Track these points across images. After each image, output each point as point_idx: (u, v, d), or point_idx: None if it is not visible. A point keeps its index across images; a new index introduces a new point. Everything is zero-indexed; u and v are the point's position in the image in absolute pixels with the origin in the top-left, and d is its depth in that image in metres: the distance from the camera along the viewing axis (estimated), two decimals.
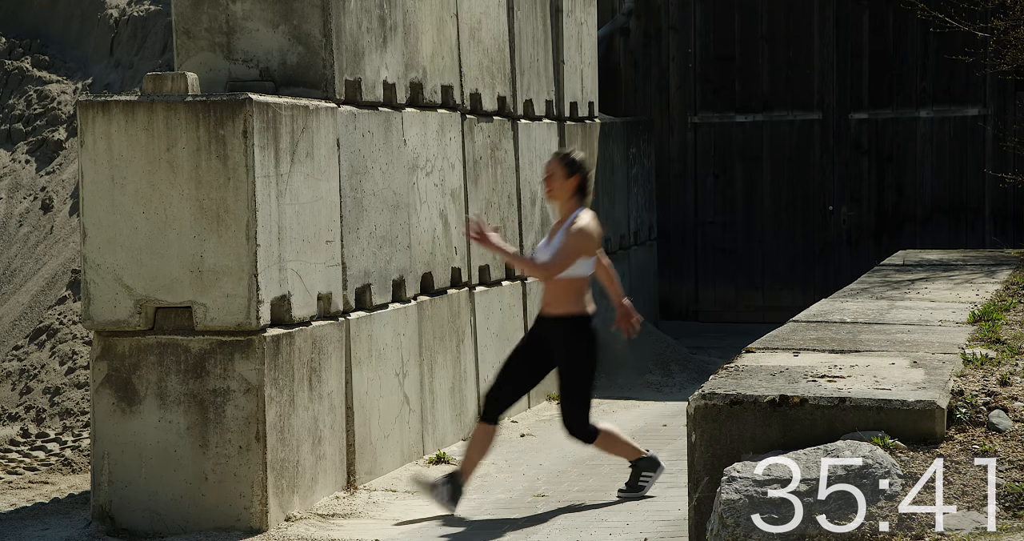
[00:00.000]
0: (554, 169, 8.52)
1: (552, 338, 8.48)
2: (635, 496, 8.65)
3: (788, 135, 16.62)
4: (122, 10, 16.65)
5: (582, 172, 8.52)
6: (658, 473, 8.73)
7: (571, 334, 8.42)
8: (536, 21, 12.48)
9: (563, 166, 8.50)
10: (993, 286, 9.86)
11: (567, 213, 8.50)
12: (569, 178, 8.49)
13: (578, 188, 8.50)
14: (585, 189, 8.53)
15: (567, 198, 8.51)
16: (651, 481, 8.70)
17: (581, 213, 8.47)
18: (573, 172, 8.50)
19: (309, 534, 7.96)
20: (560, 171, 8.50)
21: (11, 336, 13.87)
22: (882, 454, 5.55)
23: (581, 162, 8.55)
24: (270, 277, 8.12)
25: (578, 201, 8.51)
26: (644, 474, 8.70)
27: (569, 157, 8.55)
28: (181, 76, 8.16)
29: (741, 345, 7.75)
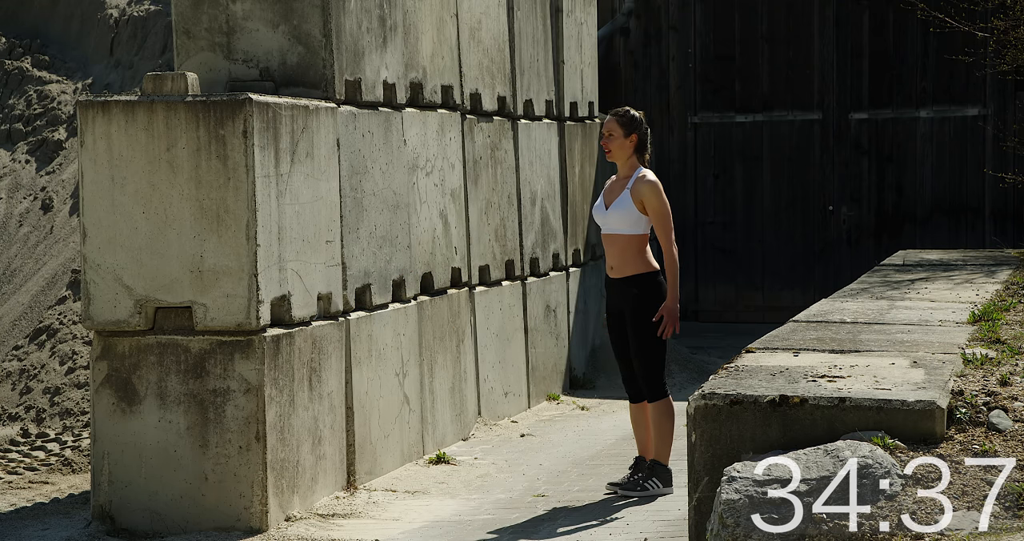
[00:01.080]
0: (612, 128, 8.62)
1: (622, 299, 8.58)
2: (628, 493, 8.54)
3: (788, 135, 16.62)
4: (122, 10, 16.65)
5: (640, 129, 8.61)
6: (665, 490, 8.56)
7: (641, 292, 8.52)
8: (536, 21, 12.48)
9: (621, 125, 8.60)
10: (993, 286, 9.86)
11: (628, 171, 8.61)
12: (628, 136, 8.59)
13: (638, 145, 8.60)
14: (645, 146, 8.64)
15: (627, 156, 8.61)
16: (654, 490, 8.55)
17: (646, 171, 8.59)
18: (632, 130, 8.60)
19: (309, 534, 7.96)
20: (619, 130, 8.60)
21: (11, 336, 13.87)
22: (882, 454, 5.55)
23: (640, 120, 8.65)
24: (270, 277, 8.12)
25: (638, 159, 8.62)
26: (654, 480, 8.58)
27: (628, 115, 8.64)
28: (181, 76, 8.16)
29: (741, 345, 7.75)
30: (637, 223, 8.54)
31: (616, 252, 8.59)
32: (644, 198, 8.51)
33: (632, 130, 8.60)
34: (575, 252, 13.38)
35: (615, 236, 8.59)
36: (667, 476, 8.59)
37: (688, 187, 16.86)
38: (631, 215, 8.53)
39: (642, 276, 8.56)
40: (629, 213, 8.53)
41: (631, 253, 8.56)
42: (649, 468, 8.60)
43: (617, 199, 8.58)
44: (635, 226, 8.54)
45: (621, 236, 8.55)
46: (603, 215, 8.64)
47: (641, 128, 8.63)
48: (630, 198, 8.53)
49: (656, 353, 8.53)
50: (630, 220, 8.54)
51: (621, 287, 8.59)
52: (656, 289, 8.56)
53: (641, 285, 8.55)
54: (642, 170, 8.60)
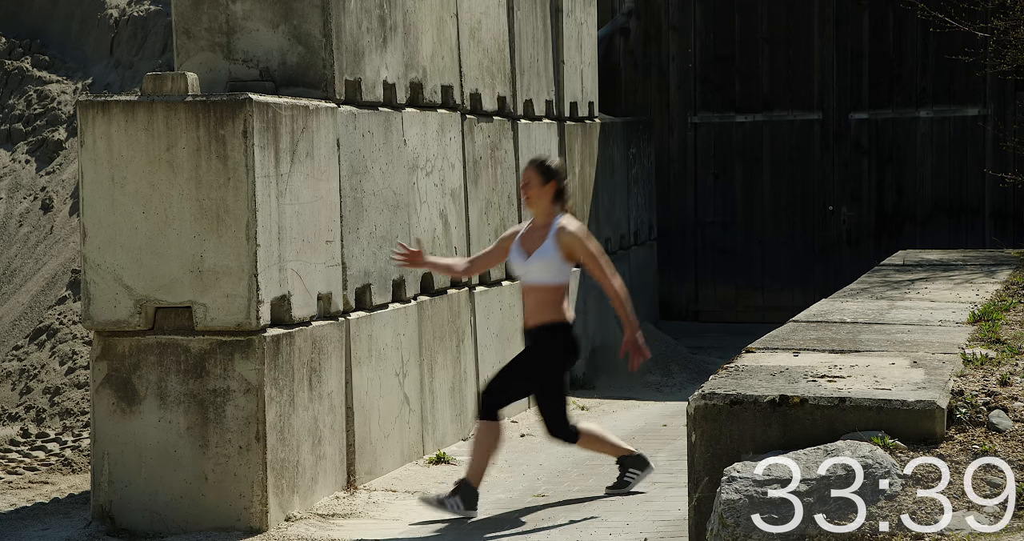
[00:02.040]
0: (530, 176, 8.43)
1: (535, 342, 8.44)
2: (622, 492, 8.69)
3: (788, 135, 16.62)
4: (122, 10, 16.65)
5: (559, 178, 8.43)
6: (646, 472, 8.74)
7: (548, 338, 8.37)
8: (536, 21, 12.48)
9: (539, 173, 8.42)
10: (993, 286, 9.86)
11: (547, 218, 8.42)
12: (546, 184, 8.40)
13: (556, 194, 8.42)
14: (564, 195, 8.45)
15: (546, 204, 8.42)
16: (637, 478, 8.74)
17: (566, 217, 8.42)
18: (549, 178, 8.41)
19: (309, 534, 7.96)
20: (536, 178, 8.41)
21: (11, 336, 13.87)
22: (882, 454, 5.55)
23: (557, 168, 8.47)
24: (270, 277, 8.12)
25: (558, 206, 8.44)
26: (630, 471, 8.75)
27: (544, 164, 8.46)
28: (181, 76, 8.16)
29: (741, 345, 7.75)
30: (560, 272, 8.36)
31: (533, 303, 8.39)
32: (573, 247, 8.32)
33: (550, 178, 8.40)
34: None
35: (535, 287, 8.38)
36: (636, 460, 8.73)
37: (688, 187, 16.86)
38: (554, 264, 8.33)
39: (556, 324, 8.36)
40: (552, 262, 8.33)
41: (549, 304, 8.36)
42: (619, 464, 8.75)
43: (539, 248, 8.35)
44: (558, 276, 8.35)
45: (542, 287, 8.36)
46: (524, 265, 8.39)
47: (559, 176, 8.43)
48: (553, 247, 8.33)
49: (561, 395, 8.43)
50: (553, 270, 8.34)
51: (536, 335, 8.42)
52: (565, 337, 8.38)
53: (552, 331, 8.36)
54: (562, 218, 8.40)
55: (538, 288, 8.38)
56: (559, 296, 8.38)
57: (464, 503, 8.34)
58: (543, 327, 8.38)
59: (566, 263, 8.37)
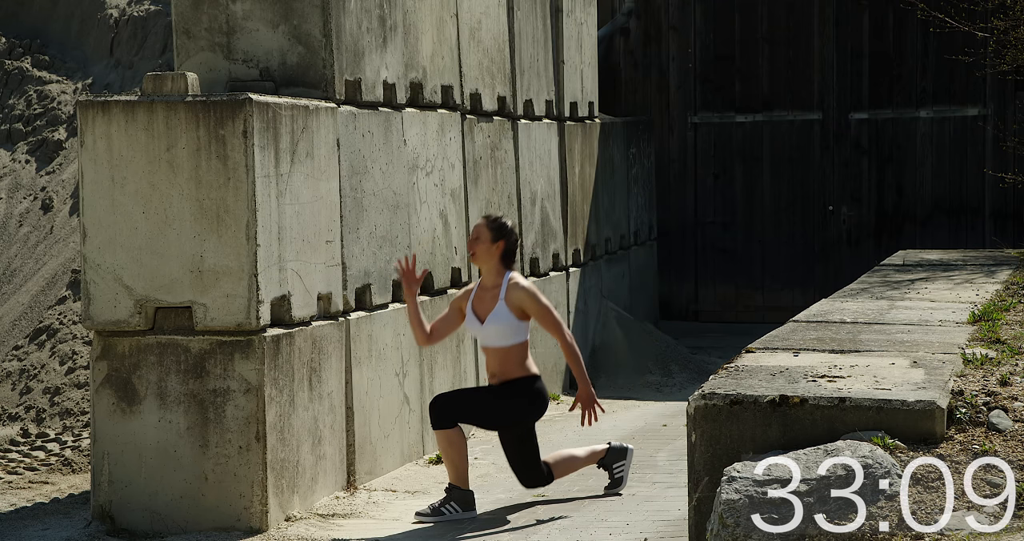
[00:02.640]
0: (480, 232, 8.32)
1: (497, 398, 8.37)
2: (618, 490, 8.72)
3: (788, 135, 16.62)
4: (122, 10, 16.65)
5: (509, 238, 8.32)
6: (628, 457, 8.72)
7: (516, 393, 8.33)
8: (536, 21, 12.48)
9: (490, 230, 8.31)
10: (993, 286, 9.86)
11: (496, 278, 8.33)
12: (495, 242, 8.30)
13: (504, 253, 8.31)
14: (512, 254, 8.35)
15: (494, 263, 8.32)
16: (625, 468, 8.73)
17: (514, 277, 8.31)
18: (500, 236, 8.30)
19: (309, 534, 7.96)
20: (487, 234, 8.30)
21: (11, 336, 13.87)
22: (882, 454, 5.55)
23: (511, 228, 8.35)
24: (270, 277, 8.12)
25: (505, 265, 8.34)
26: (615, 467, 8.74)
27: (498, 221, 8.34)
28: (181, 76, 8.16)
29: (741, 345, 7.74)
30: (517, 332, 8.28)
31: (496, 363, 8.34)
32: (524, 305, 8.24)
33: (500, 236, 8.30)
34: (575, 252, 13.38)
35: (496, 349, 8.33)
36: (614, 453, 8.73)
37: (688, 187, 16.86)
38: (510, 326, 8.26)
39: (521, 380, 8.32)
40: (508, 324, 8.26)
41: (512, 364, 8.32)
42: (603, 466, 8.76)
43: (492, 312, 8.27)
44: (515, 336, 8.28)
45: (502, 349, 8.31)
46: (479, 329, 8.33)
47: (511, 237, 8.33)
48: (506, 308, 8.26)
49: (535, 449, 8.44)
50: (509, 331, 8.27)
51: (500, 391, 8.38)
52: (533, 390, 8.34)
53: (518, 387, 8.32)
54: (511, 275, 8.30)
55: (498, 350, 8.32)
56: (521, 353, 8.32)
57: (461, 506, 8.34)
58: (508, 384, 8.34)
59: (521, 321, 8.28)
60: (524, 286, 8.28)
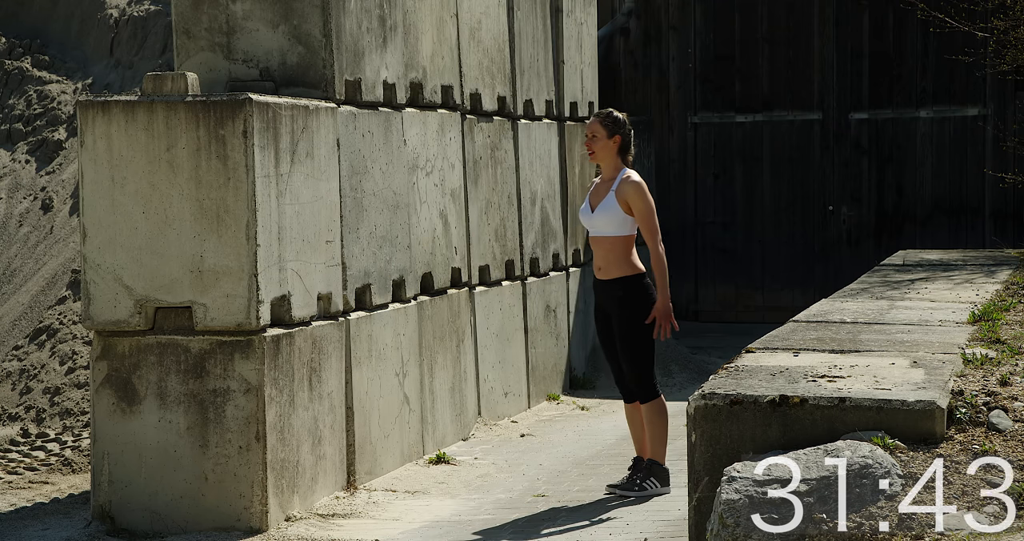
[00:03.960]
0: (596, 129, 8.63)
1: (609, 301, 8.61)
2: (626, 493, 8.57)
3: (788, 135, 16.62)
4: (122, 10, 16.65)
5: (624, 130, 8.63)
6: (663, 490, 8.59)
7: (627, 294, 8.54)
8: (536, 21, 12.48)
9: (604, 126, 8.62)
10: (993, 286, 9.86)
11: (613, 172, 8.62)
12: (612, 137, 8.61)
13: (621, 147, 8.62)
14: (629, 147, 8.65)
15: (611, 157, 8.62)
16: (651, 490, 8.57)
17: (630, 171, 8.60)
18: (616, 131, 8.62)
19: (309, 534, 7.96)
20: (602, 131, 8.62)
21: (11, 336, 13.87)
22: (882, 454, 5.55)
23: (624, 121, 8.66)
24: (270, 277, 8.12)
25: (622, 160, 8.64)
26: (652, 480, 8.60)
27: (611, 116, 8.65)
28: (181, 76, 8.16)
29: (741, 345, 7.74)
30: (623, 225, 8.56)
31: (602, 254, 8.62)
32: (629, 198, 8.52)
33: (616, 131, 8.61)
34: (575, 252, 13.38)
35: (602, 238, 8.60)
36: (664, 475, 8.61)
37: (688, 187, 16.86)
38: (617, 217, 8.54)
39: (628, 278, 8.58)
40: (615, 215, 8.54)
41: (617, 255, 8.58)
42: (647, 468, 8.61)
43: (603, 201, 8.59)
44: (621, 228, 8.56)
45: (607, 238, 8.57)
46: (589, 218, 8.66)
47: (624, 129, 8.64)
48: (615, 200, 8.55)
49: (645, 355, 8.56)
50: (616, 222, 8.55)
51: (607, 289, 8.62)
52: (642, 292, 8.57)
53: (627, 288, 8.56)
54: (627, 171, 8.61)
55: (604, 240, 8.59)
56: (627, 247, 8.59)
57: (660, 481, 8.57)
58: (615, 282, 8.57)
59: (628, 216, 8.55)
60: (635, 181, 8.56)
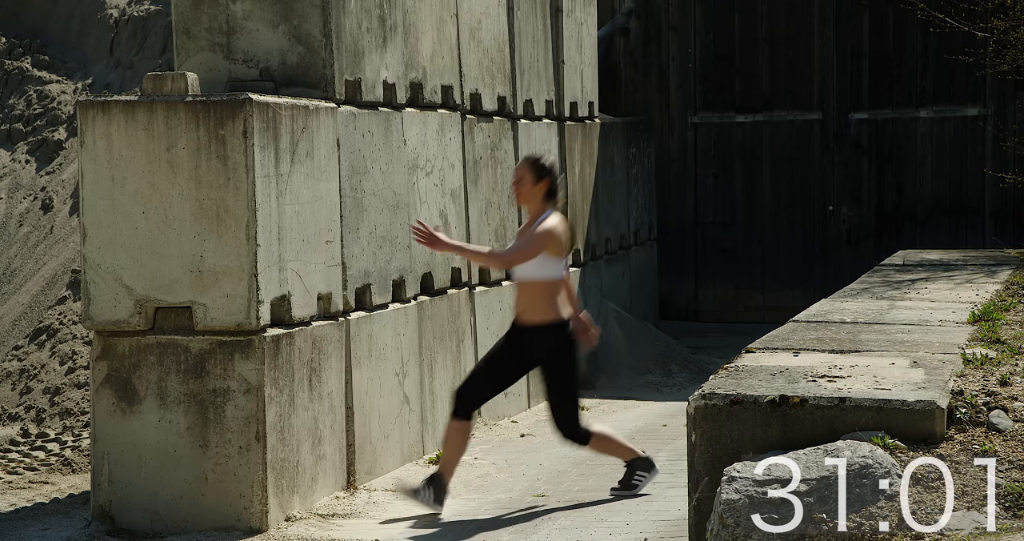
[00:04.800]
0: (523, 173, 8.50)
1: (531, 347, 8.47)
2: (628, 494, 8.69)
3: (788, 135, 16.62)
4: (122, 10, 16.65)
5: (551, 176, 8.50)
6: (652, 474, 8.77)
7: (551, 341, 8.42)
8: (536, 21, 12.48)
9: (532, 171, 8.48)
10: (993, 286, 9.86)
11: (536, 215, 8.48)
12: (538, 183, 8.46)
13: (547, 192, 8.48)
14: (554, 193, 8.51)
15: (537, 202, 8.49)
16: (644, 481, 8.74)
17: (550, 215, 8.45)
18: (542, 176, 8.47)
19: (309, 534, 7.96)
20: (529, 175, 8.48)
21: (11, 336, 13.87)
22: (882, 454, 5.55)
23: (551, 166, 8.52)
24: (270, 277, 8.12)
25: (548, 205, 8.49)
26: (639, 474, 8.75)
27: (539, 162, 8.53)
28: (181, 76, 8.16)
29: (741, 345, 7.75)
30: (543, 268, 8.38)
31: (526, 298, 8.46)
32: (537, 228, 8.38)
33: (542, 176, 8.47)
34: (575, 252, 13.38)
35: (525, 282, 8.45)
36: (645, 463, 8.77)
37: (688, 187, 16.86)
38: (537, 260, 8.38)
39: (552, 325, 8.43)
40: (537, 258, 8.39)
41: (541, 300, 8.41)
42: (628, 466, 8.77)
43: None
44: (543, 271, 8.39)
45: (531, 282, 8.42)
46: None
47: (551, 175, 8.50)
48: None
49: (573, 398, 8.47)
50: (537, 264, 8.38)
51: (530, 335, 8.46)
52: (567, 338, 8.44)
53: (554, 334, 8.42)
54: (548, 214, 8.45)
55: (527, 284, 8.46)
56: (551, 292, 8.42)
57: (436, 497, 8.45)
58: (538, 329, 8.43)
59: (549, 259, 8.38)
60: (548, 225, 8.42)
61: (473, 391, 8.56)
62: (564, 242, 8.45)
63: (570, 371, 8.47)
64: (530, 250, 8.37)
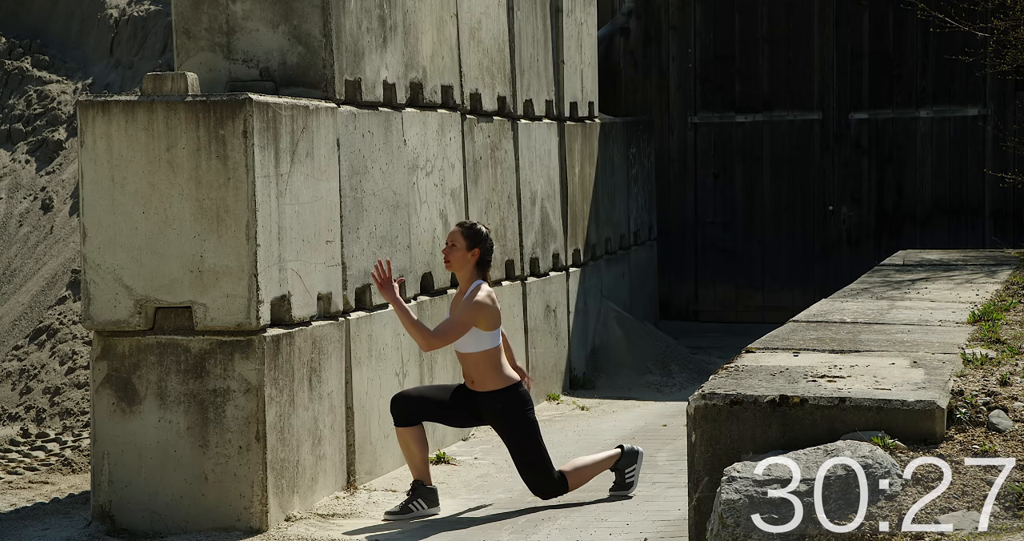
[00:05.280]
0: (456, 239, 8.30)
1: (487, 413, 8.37)
2: (627, 493, 8.66)
3: (788, 135, 16.62)
4: (122, 10, 16.66)
5: (484, 245, 8.29)
6: (639, 461, 8.67)
7: (506, 406, 8.31)
8: (536, 21, 12.48)
9: (465, 237, 8.29)
10: (993, 286, 9.86)
11: (466, 284, 8.31)
12: (471, 250, 8.28)
13: (479, 261, 8.30)
14: (486, 262, 8.33)
15: (468, 270, 8.31)
16: (636, 473, 8.67)
17: (480, 285, 8.27)
18: (475, 244, 8.28)
19: (309, 534, 7.96)
20: (462, 241, 8.29)
21: (11, 336, 13.87)
22: (882, 454, 5.55)
23: (485, 235, 8.32)
24: (270, 277, 8.12)
25: (479, 273, 8.31)
26: (627, 471, 8.68)
27: (473, 228, 8.31)
28: (181, 76, 8.16)
29: (741, 345, 7.74)
30: (479, 340, 8.26)
31: (470, 367, 8.34)
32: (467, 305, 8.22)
33: (475, 244, 8.28)
34: (575, 252, 13.38)
35: (466, 354, 8.32)
36: (627, 457, 8.66)
37: (688, 187, 16.86)
38: (472, 333, 8.26)
39: (502, 392, 8.31)
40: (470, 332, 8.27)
41: (486, 368, 8.30)
42: (615, 470, 8.69)
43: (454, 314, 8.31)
44: (479, 343, 8.27)
45: (471, 354, 8.30)
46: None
47: (485, 244, 8.30)
48: None
49: (540, 457, 8.36)
50: (472, 337, 8.27)
51: (483, 401, 8.36)
52: (518, 400, 8.31)
53: (503, 400, 8.31)
54: (478, 285, 8.28)
55: (468, 356, 8.33)
56: (494, 360, 8.29)
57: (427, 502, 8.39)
58: (490, 395, 8.32)
59: (483, 332, 8.26)
60: (477, 299, 8.20)
61: (417, 409, 8.39)
62: (496, 314, 8.26)
63: (527, 429, 8.33)
64: (458, 330, 8.19)
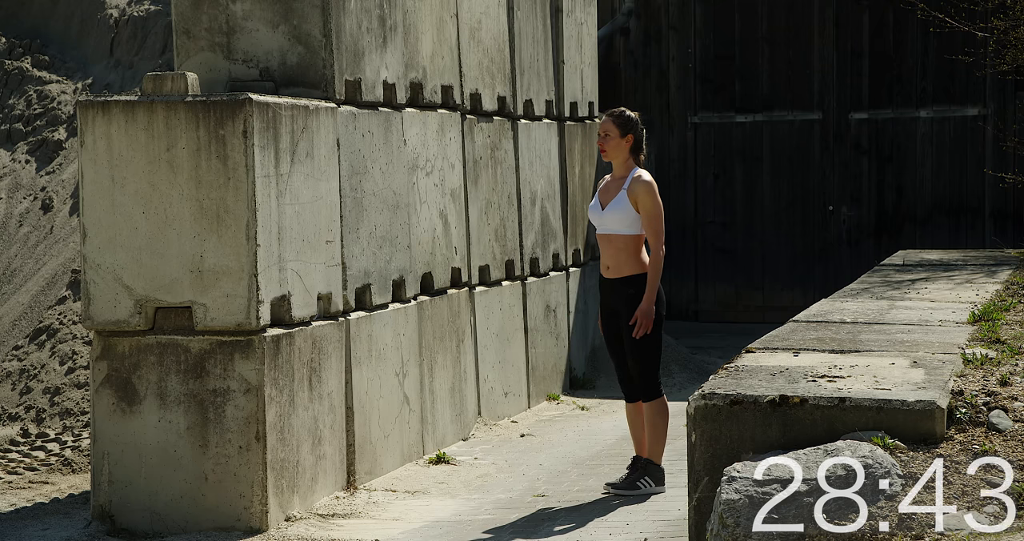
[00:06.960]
0: (609, 128, 8.66)
1: (619, 300, 8.58)
2: (625, 493, 8.58)
3: (788, 135, 16.62)
4: (122, 10, 16.65)
5: (636, 130, 8.66)
6: (658, 489, 8.61)
7: (639, 293, 8.52)
8: (536, 21, 12.48)
9: (617, 125, 8.65)
10: (993, 286, 9.86)
11: (624, 171, 8.64)
12: (624, 136, 8.63)
13: (634, 146, 8.64)
14: (641, 146, 8.67)
15: (623, 156, 8.64)
16: (647, 489, 8.59)
17: (641, 171, 8.62)
18: (628, 130, 8.65)
19: (309, 534, 7.96)
20: (615, 130, 8.64)
21: (11, 336, 13.87)
22: (882, 454, 5.55)
23: (636, 121, 8.69)
24: (270, 277, 8.12)
25: (634, 159, 8.66)
26: (647, 479, 8.62)
27: (624, 115, 8.68)
28: (181, 76, 8.16)
29: (741, 345, 7.74)
30: (634, 223, 8.55)
31: (612, 252, 8.60)
32: (638, 198, 8.53)
33: (628, 130, 8.64)
34: (575, 252, 13.38)
35: (612, 236, 8.60)
36: (659, 475, 8.63)
37: (688, 187, 16.86)
38: (628, 215, 8.54)
39: (638, 277, 8.57)
40: (626, 213, 8.54)
41: (627, 254, 8.57)
42: (642, 467, 8.62)
43: (614, 199, 8.58)
44: (631, 226, 8.55)
45: (617, 236, 8.57)
46: (599, 215, 8.64)
47: (637, 128, 8.67)
48: (627, 198, 8.54)
49: (653, 353, 8.55)
50: (627, 220, 8.55)
51: (617, 287, 8.60)
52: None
53: (638, 286, 8.55)
54: (638, 170, 8.63)
55: (614, 238, 8.59)
56: (637, 246, 8.59)
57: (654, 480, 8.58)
58: (625, 280, 8.56)
59: (639, 215, 8.55)
60: (646, 180, 8.59)
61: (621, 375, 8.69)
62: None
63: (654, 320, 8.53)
64: (659, 218, 8.57)
